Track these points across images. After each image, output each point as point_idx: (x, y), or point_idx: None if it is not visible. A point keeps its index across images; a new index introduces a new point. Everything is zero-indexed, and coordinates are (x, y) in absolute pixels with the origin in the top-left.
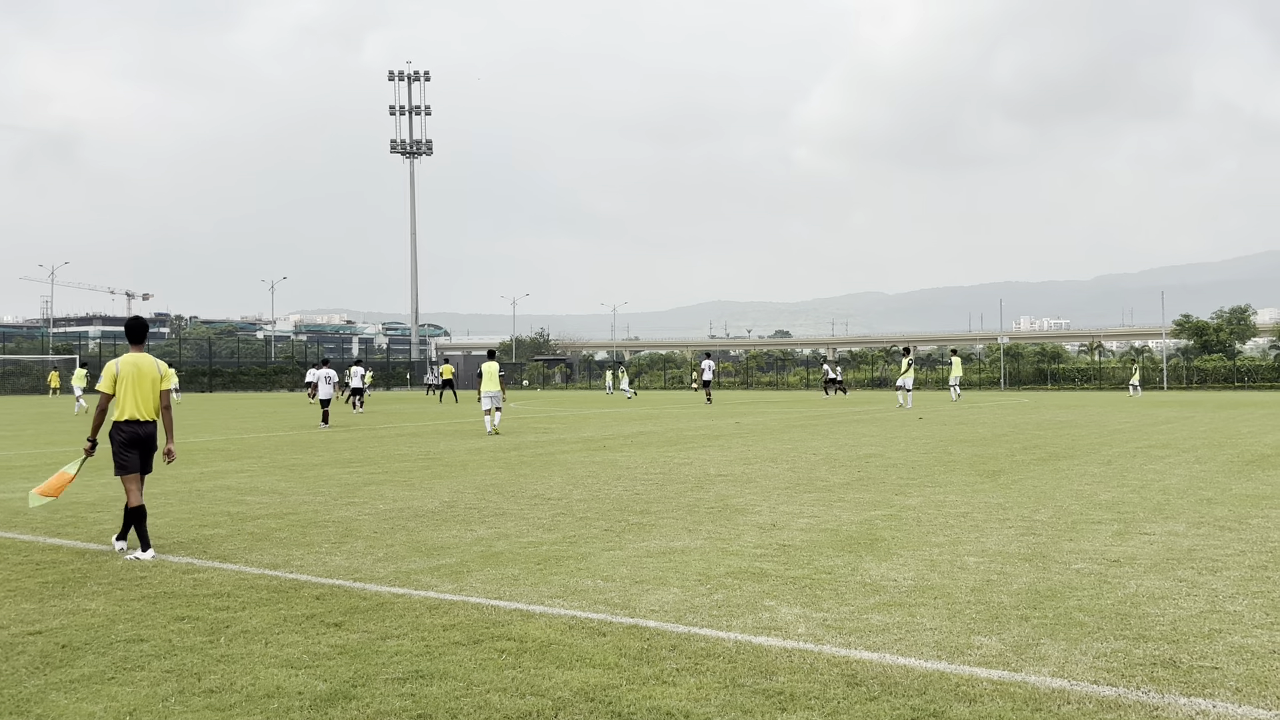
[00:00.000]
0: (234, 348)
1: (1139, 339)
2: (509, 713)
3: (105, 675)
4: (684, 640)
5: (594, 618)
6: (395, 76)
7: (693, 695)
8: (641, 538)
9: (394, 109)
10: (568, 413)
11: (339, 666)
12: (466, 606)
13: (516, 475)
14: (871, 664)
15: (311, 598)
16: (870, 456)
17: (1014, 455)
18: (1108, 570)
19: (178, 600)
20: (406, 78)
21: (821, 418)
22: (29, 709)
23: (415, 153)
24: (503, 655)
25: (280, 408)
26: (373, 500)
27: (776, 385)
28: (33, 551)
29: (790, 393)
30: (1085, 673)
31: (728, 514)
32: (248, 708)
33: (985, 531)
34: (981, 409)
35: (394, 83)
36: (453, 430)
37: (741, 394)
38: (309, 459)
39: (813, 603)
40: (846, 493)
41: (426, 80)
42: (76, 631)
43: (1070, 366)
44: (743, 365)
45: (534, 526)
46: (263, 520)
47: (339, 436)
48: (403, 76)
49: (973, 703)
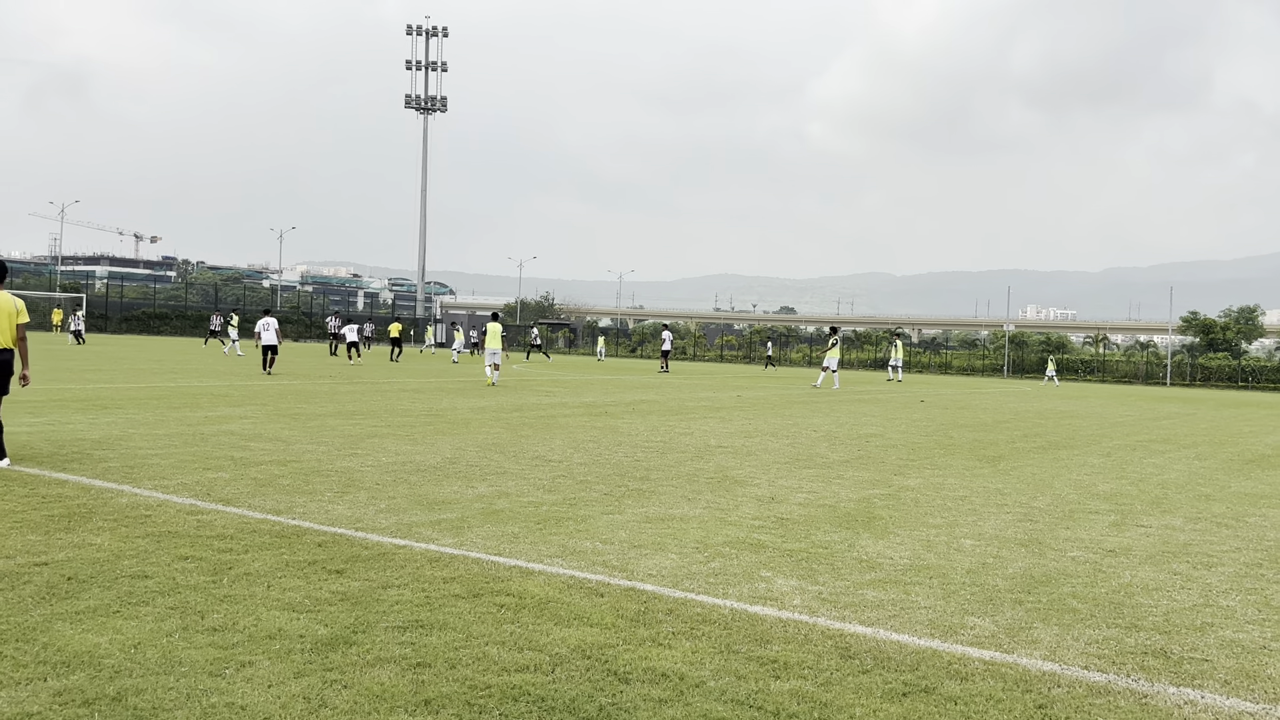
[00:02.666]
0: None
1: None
2: (506, 665)
3: (110, 608)
4: (680, 605)
5: (592, 578)
6: (413, 31)
7: (687, 659)
8: (641, 503)
9: (410, 63)
10: (570, 377)
11: (340, 612)
12: (467, 561)
13: (518, 436)
14: (865, 638)
15: (314, 544)
16: (871, 436)
17: (1014, 442)
18: (1103, 560)
19: (181, 540)
20: (424, 32)
21: (822, 395)
22: (35, 637)
23: (429, 109)
24: (501, 610)
25: (286, 356)
26: (375, 452)
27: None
28: (39, 485)
29: (793, 369)
30: (1076, 658)
31: (727, 485)
32: (250, 647)
33: (983, 515)
34: (983, 395)
35: (411, 37)
36: (455, 388)
37: (743, 368)
38: (312, 409)
39: (809, 576)
40: (846, 470)
41: (445, 36)
42: (82, 565)
43: (1074, 357)
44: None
45: (535, 487)
46: (266, 466)
47: (343, 389)
48: (420, 31)
49: (964, 681)
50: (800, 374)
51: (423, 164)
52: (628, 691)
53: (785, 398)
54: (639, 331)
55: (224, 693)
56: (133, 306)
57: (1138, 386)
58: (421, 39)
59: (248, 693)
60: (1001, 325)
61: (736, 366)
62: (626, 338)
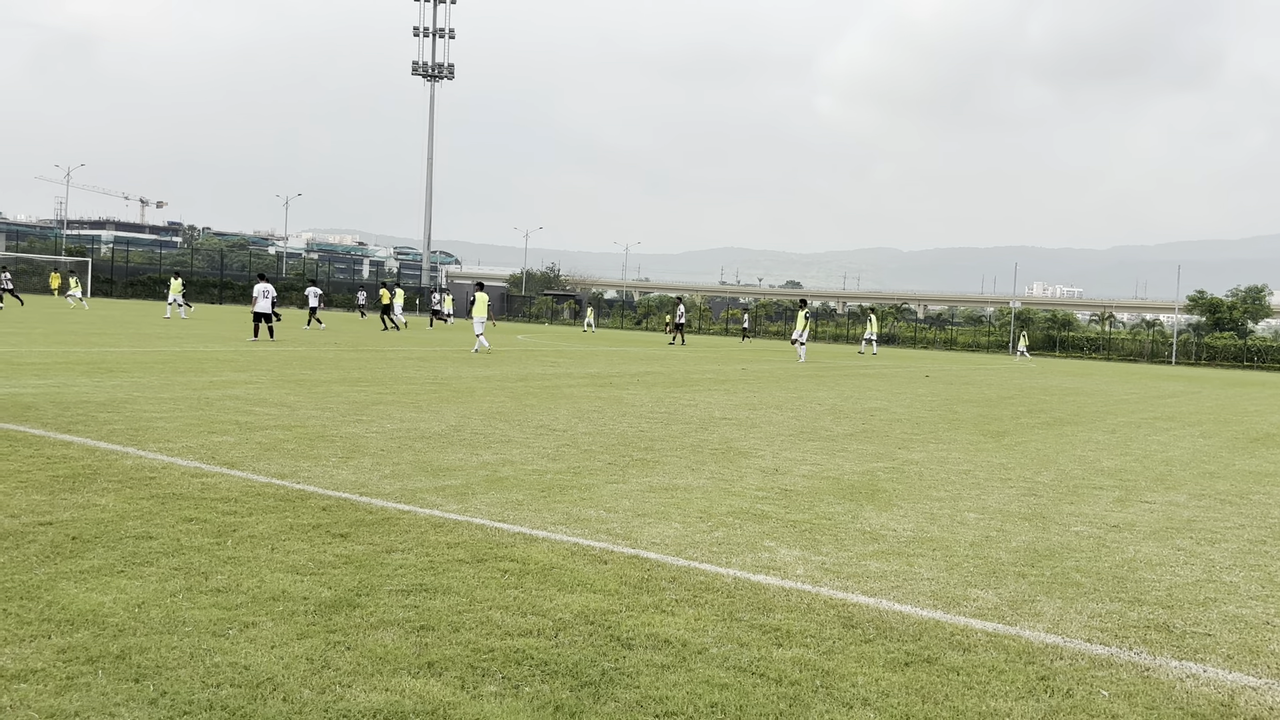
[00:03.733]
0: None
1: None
2: (510, 630)
3: (114, 568)
4: (684, 573)
5: (596, 546)
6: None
7: (690, 626)
8: (645, 473)
9: (418, 30)
10: (575, 348)
11: (344, 575)
12: (470, 527)
13: (523, 405)
14: (868, 608)
15: (318, 508)
16: (875, 410)
17: (1019, 418)
18: (1107, 535)
19: (186, 502)
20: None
21: (828, 369)
22: (39, 595)
23: (436, 76)
24: (505, 575)
25: (291, 322)
26: (380, 419)
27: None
28: (44, 446)
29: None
30: (1079, 631)
31: (731, 456)
32: (254, 609)
33: (987, 489)
34: (989, 371)
35: (419, 3)
36: (460, 357)
37: (749, 341)
38: (317, 375)
39: (812, 546)
40: (850, 443)
41: (452, 3)
42: (86, 525)
43: (1080, 335)
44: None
45: (539, 455)
46: (271, 431)
47: (347, 355)
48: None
49: (966, 652)
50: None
51: (429, 132)
52: (630, 657)
53: (790, 371)
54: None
55: (227, 652)
56: (138, 271)
57: (1143, 365)
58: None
59: (251, 653)
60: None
61: (760, 341)
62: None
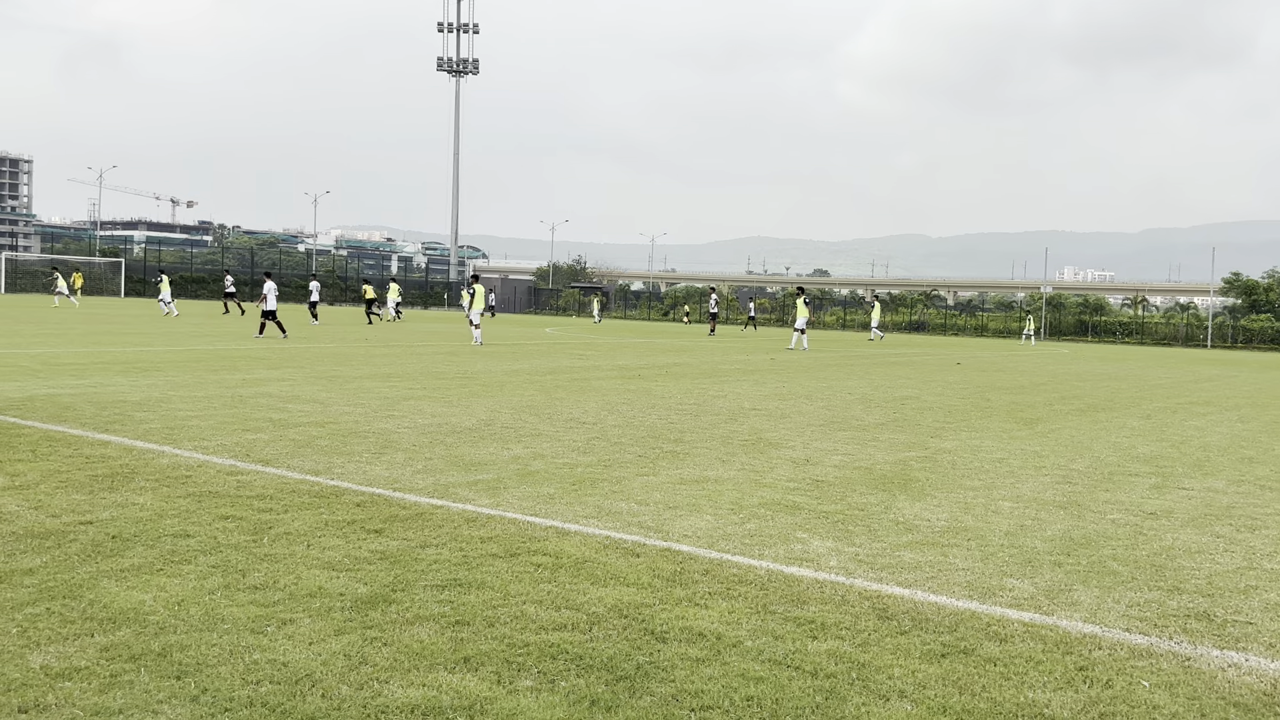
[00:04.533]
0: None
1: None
2: (544, 624)
3: (154, 566)
4: (716, 566)
5: (628, 539)
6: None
7: (724, 618)
8: (675, 465)
9: (442, 25)
10: (602, 340)
11: (379, 571)
12: (503, 521)
13: (552, 398)
14: (903, 599)
15: (352, 504)
16: (906, 399)
17: (1052, 405)
18: (1143, 522)
19: (222, 500)
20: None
21: (857, 358)
22: (81, 594)
23: (461, 71)
24: (538, 569)
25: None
26: (411, 414)
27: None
28: (82, 445)
29: (827, 332)
30: (1118, 620)
31: (761, 447)
32: (291, 605)
33: (1020, 478)
34: (1020, 357)
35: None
36: (488, 352)
37: (776, 330)
38: (348, 371)
39: (845, 537)
40: (881, 433)
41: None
42: (125, 524)
43: (1112, 319)
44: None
45: (569, 448)
46: (304, 428)
47: (377, 351)
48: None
49: (1003, 642)
50: (898, 340)
51: (455, 127)
52: (665, 650)
53: (819, 360)
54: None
55: (266, 649)
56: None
57: (1177, 349)
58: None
59: (289, 649)
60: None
61: (769, 329)
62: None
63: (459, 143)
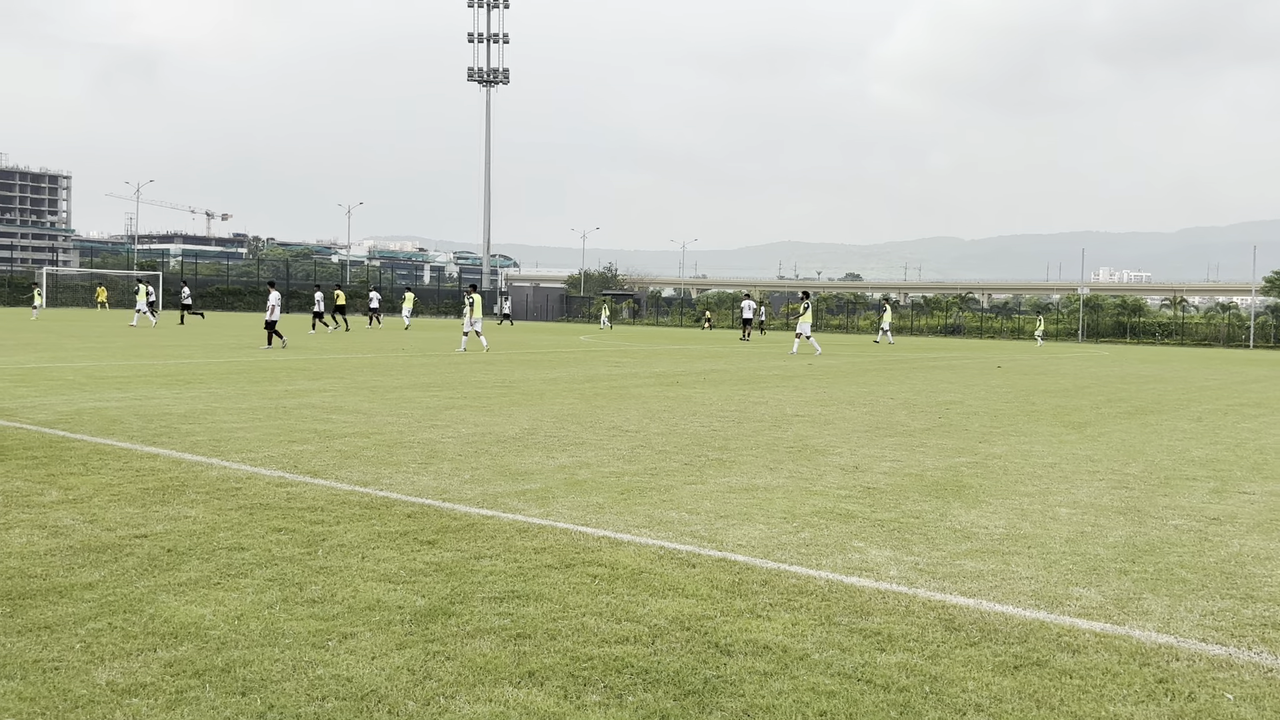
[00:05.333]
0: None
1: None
2: (606, 637)
3: (211, 580)
4: (775, 576)
5: (682, 549)
6: (474, 3)
7: (788, 631)
8: (722, 473)
9: (472, 36)
10: (637, 347)
11: (436, 583)
12: (555, 531)
13: (593, 406)
14: (968, 609)
15: (403, 515)
16: (950, 403)
17: (1099, 408)
18: (1207, 528)
19: (273, 512)
20: (485, 4)
21: (896, 362)
22: (141, 609)
23: (492, 81)
24: (595, 581)
25: (357, 331)
26: (455, 424)
27: (846, 329)
28: (132, 459)
29: (862, 337)
30: (1192, 630)
31: (808, 454)
32: (351, 619)
33: (1075, 483)
34: (1061, 360)
35: (473, 9)
36: (526, 360)
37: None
38: (389, 381)
39: (903, 546)
40: (928, 438)
41: (505, 8)
42: (180, 537)
43: (1151, 320)
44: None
45: (614, 457)
46: (349, 439)
47: (416, 361)
48: (481, 3)
49: (1076, 653)
50: (931, 344)
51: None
52: (731, 664)
53: (857, 365)
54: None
55: (329, 664)
56: (206, 283)
57: (1219, 349)
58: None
59: (352, 665)
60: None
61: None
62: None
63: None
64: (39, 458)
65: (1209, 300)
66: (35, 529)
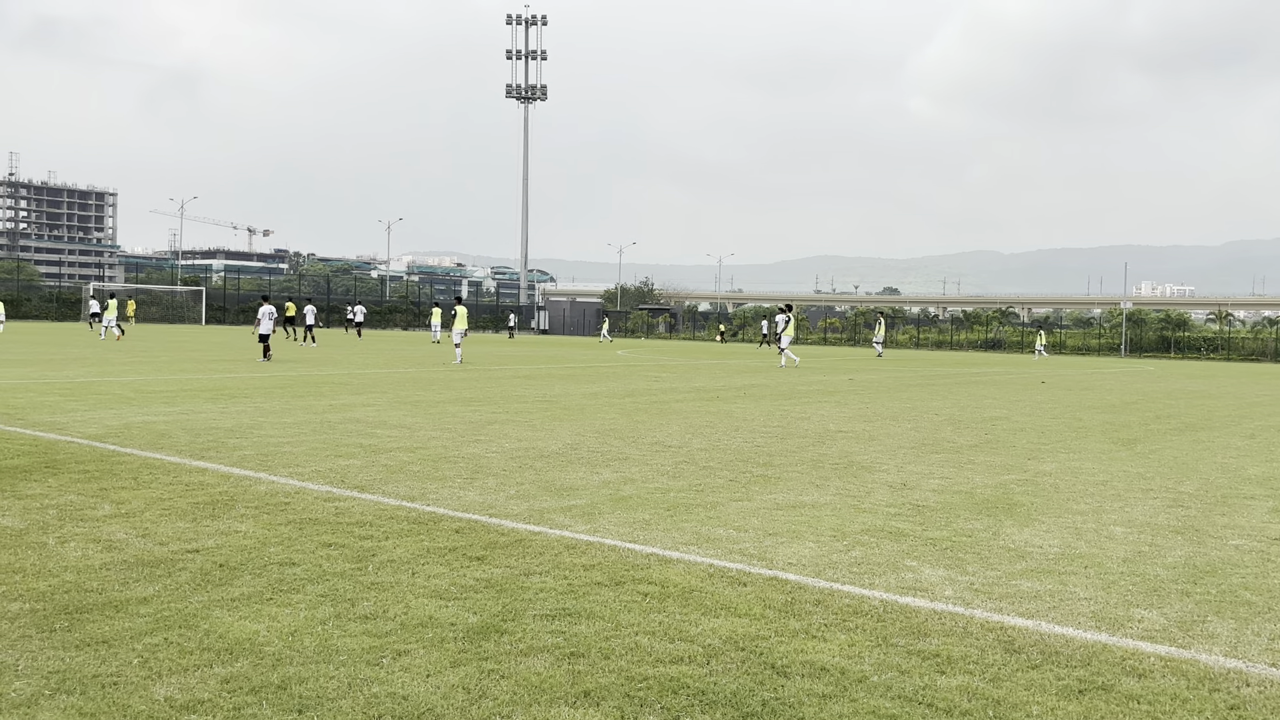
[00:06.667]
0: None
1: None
2: (660, 656)
3: (263, 595)
4: (828, 595)
5: (732, 567)
6: (513, 20)
7: (845, 652)
8: (768, 490)
9: (510, 53)
10: (675, 361)
11: (487, 600)
12: (603, 548)
13: (634, 421)
14: (1027, 631)
15: (451, 530)
16: (996, 419)
17: (1148, 424)
18: (1270, 548)
19: (322, 527)
20: (524, 21)
21: (938, 377)
22: (196, 624)
23: (530, 98)
24: (646, 599)
25: (396, 345)
26: (498, 439)
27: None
28: (181, 473)
29: (900, 351)
30: (1261, 654)
31: (854, 471)
32: (404, 636)
33: (1129, 501)
34: (1105, 375)
35: (511, 26)
36: (565, 374)
37: (850, 350)
38: (431, 396)
39: (956, 565)
40: (976, 455)
41: (544, 25)
42: (231, 552)
43: (1196, 335)
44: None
45: (658, 473)
46: (394, 453)
47: (457, 376)
48: (520, 20)
49: (1142, 678)
50: (839, 352)
51: (524, 153)
52: (789, 686)
53: (899, 380)
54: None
55: (384, 682)
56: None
57: (1267, 364)
58: (521, 28)
59: (407, 682)
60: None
61: (842, 349)
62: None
63: (528, 168)
64: (90, 471)
65: (1255, 314)
66: (90, 543)
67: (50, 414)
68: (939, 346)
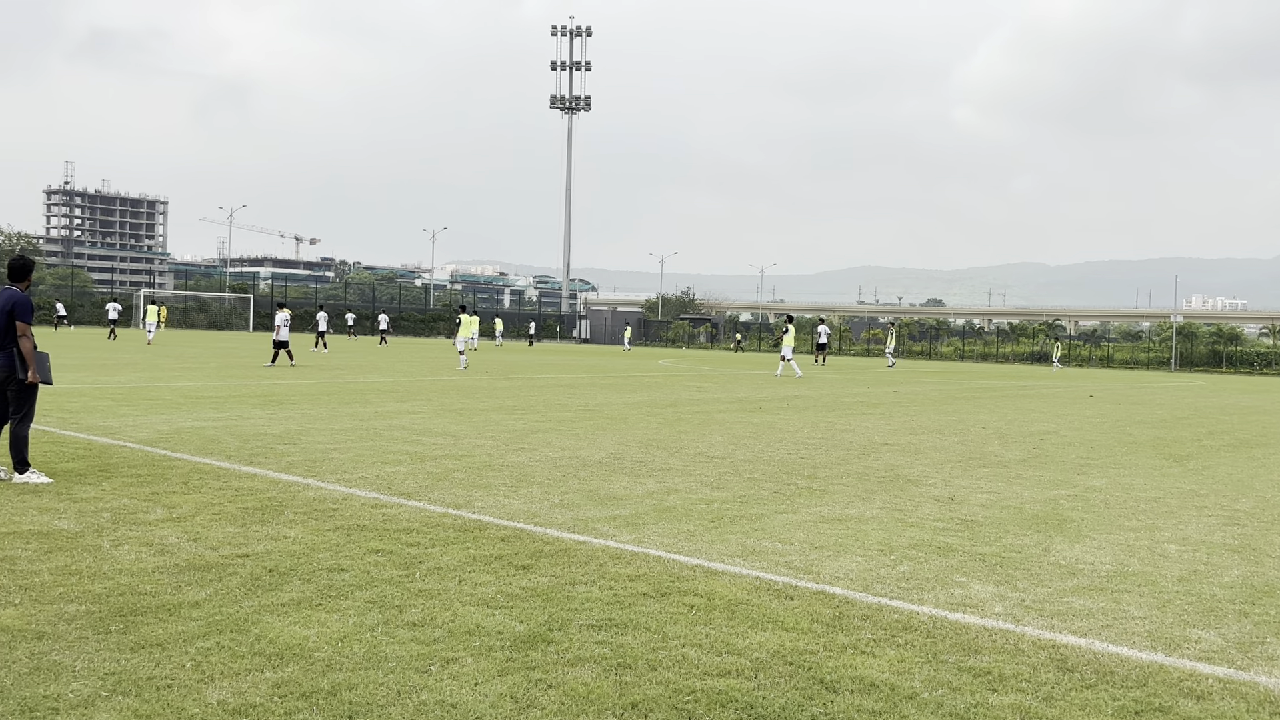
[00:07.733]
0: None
1: None
2: (708, 669)
3: (313, 601)
4: (876, 610)
5: (778, 580)
6: (558, 31)
7: (894, 668)
8: (813, 502)
9: (555, 64)
10: (717, 372)
11: (533, 609)
12: (648, 558)
13: (677, 432)
14: (1080, 650)
15: (497, 539)
16: (1044, 434)
17: (1200, 440)
18: None
19: (370, 533)
20: (569, 33)
21: (984, 390)
22: (247, 629)
23: (574, 108)
24: (692, 610)
25: (441, 353)
26: (541, 447)
27: (929, 355)
28: (230, 479)
29: (944, 363)
30: None
31: (900, 484)
32: (451, 644)
33: (1182, 518)
34: (1155, 390)
35: (556, 38)
36: (607, 383)
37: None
38: (475, 404)
39: (1006, 581)
40: (1024, 469)
41: (588, 36)
42: (281, 557)
43: (1249, 349)
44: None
45: (702, 483)
46: (440, 461)
47: (499, 384)
48: (565, 31)
49: (1200, 700)
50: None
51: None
52: (838, 701)
53: (944, 393)
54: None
55: (433, 690)
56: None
57: None
58: (566, 39)
59: (456, 690)
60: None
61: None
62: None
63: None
64: (142, 475)
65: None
66: (143, 546)
67: (103, 418)
68: (984, 359)
